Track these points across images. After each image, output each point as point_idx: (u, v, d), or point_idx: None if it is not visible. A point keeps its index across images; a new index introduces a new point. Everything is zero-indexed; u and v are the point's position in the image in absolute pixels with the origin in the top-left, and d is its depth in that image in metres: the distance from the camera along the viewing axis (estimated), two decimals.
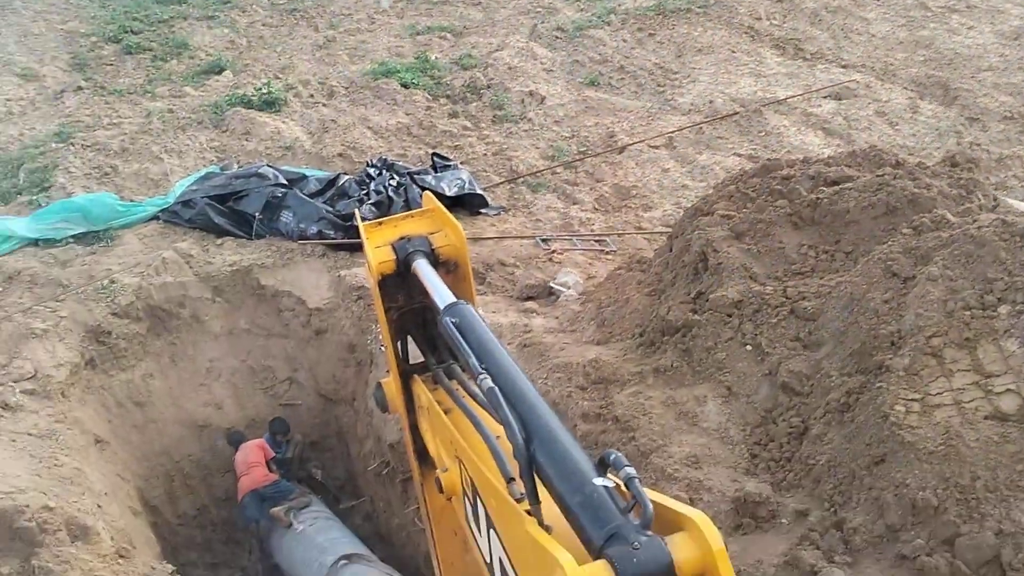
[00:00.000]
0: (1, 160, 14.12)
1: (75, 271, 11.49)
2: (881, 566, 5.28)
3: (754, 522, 6.04)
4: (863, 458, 5.80)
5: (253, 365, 12.35)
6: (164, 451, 11.62)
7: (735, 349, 7.38)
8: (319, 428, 12.77)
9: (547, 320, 9.86)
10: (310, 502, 11.40)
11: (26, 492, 7.58)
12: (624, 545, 1.77)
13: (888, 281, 6.72)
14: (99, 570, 7.02)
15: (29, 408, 9.37)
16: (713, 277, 7.98)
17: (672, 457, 6.66)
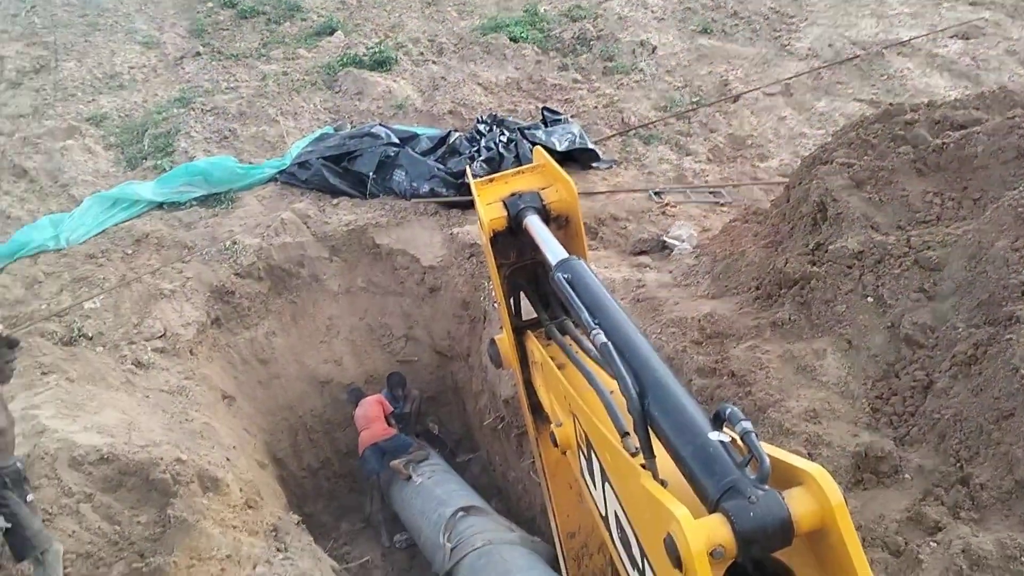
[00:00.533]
0: (127, 127, 14.74)
1: (199, 233, 11.95)
2: (1009, 522, 5.10)
3: (875, 477, 5.91)
4: (991, 412, 5.58)
5: (370, 323, 12.66)
6: (288, 406, 12.07)
7: (855, 301, 7.17)
8: (435, 384, 13.03)
9: (660, 274, 9.77)
10: (428, 455, 11.70)
11: (160, 445, 7.98)
12: (740, 499, 1.76)
13: (1018, 228, 6.39)
14: (230, 520, 7.36)
15: (160, 366, 9.85)
16: (832, 228, 7.75)
17: (790, 412, 6.55)
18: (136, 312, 10.40)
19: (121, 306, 10.41)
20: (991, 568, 4.82)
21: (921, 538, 5.30)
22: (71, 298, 10.46)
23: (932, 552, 5.12)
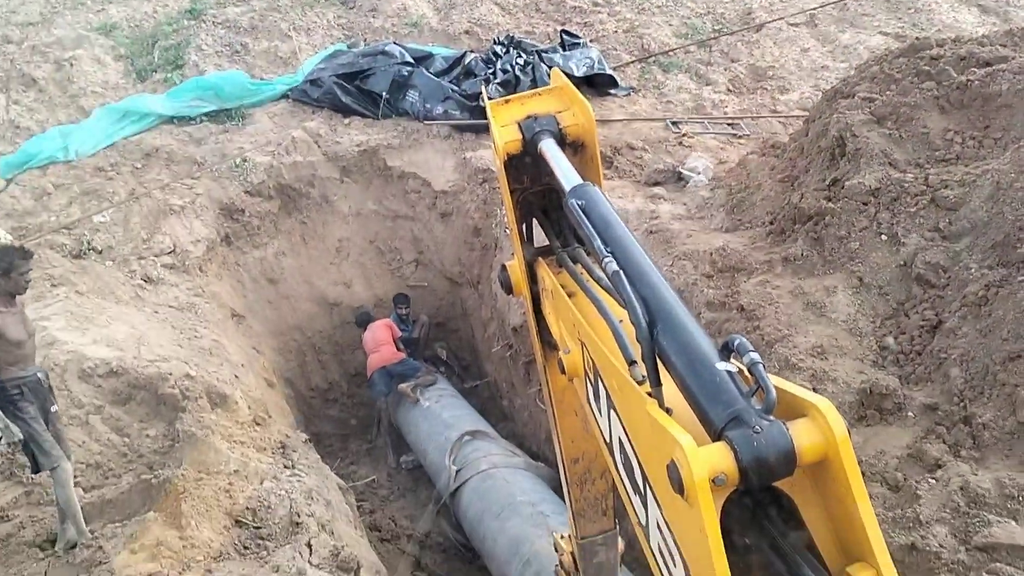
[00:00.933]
0: (137, 38, 14.52)
1: (209, 149, 11.88)
2: (1009, 463, 5.14)
3: (879, 414, 5.94)
4: (998, 353, 5.58)
5: (380, 246, 12.66)
6: (296, 327, 12.15)
7: (869, 239, 7.12)
8: (445, 310, 13.08)
9: (675, 206, 9.71)
10: (436, 380, 11.80)
11: (169, 361, 8.06)
12: (745, 428, 1.76)
13: None
14: (237, 436, 7.45)
15: (170, 282, 9.90)
16: (850, 163, 7.67)
17: (797, 347, 6.57)
18: (145, 227, 10.40)
19: (130, 220, 10.41)
20: (988, 506, 4.88)
21: (920, 475, 5.35)
22: (80, 211, 10.46)
23: (931, 488, 5.17)
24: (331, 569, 5.80)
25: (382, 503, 10.64)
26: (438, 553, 9.58)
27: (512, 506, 8.28)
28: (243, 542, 5.95)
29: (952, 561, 4.69)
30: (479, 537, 8.59)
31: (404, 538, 9.56)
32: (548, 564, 6.66)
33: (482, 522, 8.52)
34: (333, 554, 5.99)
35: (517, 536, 7.80)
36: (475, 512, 8.76)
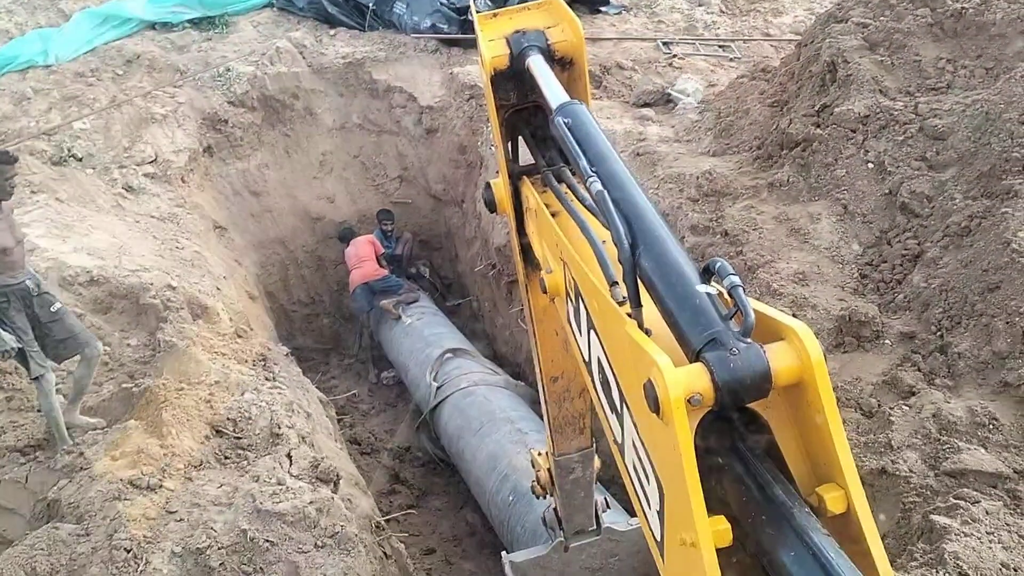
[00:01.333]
0: None
1: (192, 57, 11.65)
2: (982, 392, 5.22)
3: (856, 341, 6.00)
4: (977, 284, 5.62)
5: (365, 161, 12.54)
6: (279, 240, 12.09)
7: (856, 166, 7.10)
8: (428, 227, 13.04)
9: (663, 128, 9.63)
10: (418, 298, 11.83)
11: (151, 271, 8.03)
12: (722, 350, 1.77)
13: None
14: (219, 347, 7.46)
15: (151, 191, 9.79)
16: (841, 90, 7.60)
17: (779, 273, 6.59)
18: (127, 135, 10.25)
19: (111, 128, 10.25)
20: (959, 433, 4.97)
21: (894, 401, 5.44)
22: (60, 117, 10.28)
23: (904, 415, 5.26)
24: (310, 480, 5.88)
25: (362, 417, 10.76)
26: (417, 467, 9.73)
27: (491, 423, 8.38)
28: (223, 451, 6.02)
29: (921, 486, 4.80)
30: (457, 452, 8.72)
31: (384, 452, 9.69)
32: (525, 479, 6.78)
33: (461, 438, 8.64)
34: (313, 465, 6.06)
35: (495, 452, 7.92)
36: (454, 428, 8.87)
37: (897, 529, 4.75)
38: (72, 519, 5.26)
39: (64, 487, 5.59)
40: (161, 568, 4.86)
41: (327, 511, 5.48)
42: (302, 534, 5.28)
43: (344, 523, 5.46)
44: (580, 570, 6.42)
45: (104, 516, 5.16)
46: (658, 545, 2.05)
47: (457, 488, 9.19)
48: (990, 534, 4.30)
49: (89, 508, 5.26)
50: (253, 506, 5.31)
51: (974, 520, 4.37)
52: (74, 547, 4.98)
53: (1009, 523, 4.39)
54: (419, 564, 7.53)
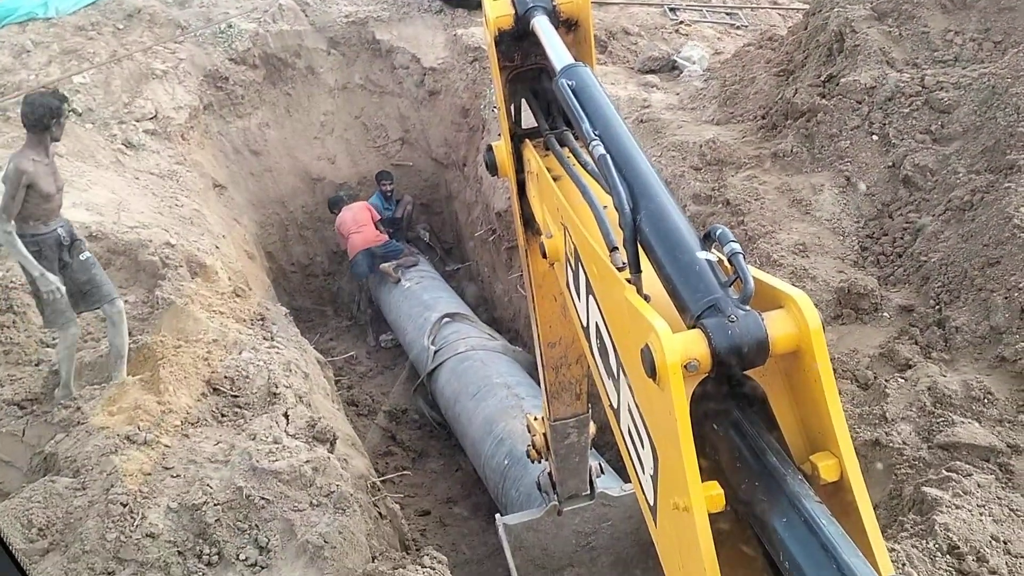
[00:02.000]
0: None
1: (193, 12, 11.53)
2: (978, 366, 5.23)
3: (855, 313, 6.01)
4: (978, 258, 5.62)
5: (366, 122, 12.46)
6: (279, 200, 12.04)
7: (860, 138, 7.07)
8: (429, 191, 12.98)
9: (667, 96, 9.56)
10: (418, 262, 11.82)
11: (149, 228, 7.98)
12: (720, 317, 1.77)
13: None
14: (217, 305, 7.45)
15: (151, 148, 9.73)
16: (847, 60, 7.54)
17: (780, 244, 6.58)
18: (127, 91, 10.17)
19: (112, 83, 10.16)
20: (954, 407, 4.99)
21: (890, 374, 5.45)
22: (60, 71, 10.19)
23: (899, 387, 5.28)
24: (307, 439, 5.90)
25: (360, 379, 10.78)
26: (413, 430, 9.77)
27: (488, 387, 8.41)
28: (220, 409, 6.03)
29: (914, 458, 4.82)
30: (454, 416, 8.76)
31: (381, 414, 9.73)
32: (520, 444, 6.82)
33: (458, 401, 8.67)
34: (310, 425, 6.08)
35: (491, 416, 7.95)
36: (451, 392, 8.90)
37: (889, 500, 4.78)
38: (69, 473, 5.29)
39: (61, 441, 5.62)
40: (157, 523, 4.89)
41: (323, 470, 5.50)
42: (298, 492, 5.31)
43: (340, 483, 5.49)
44: (573, 533, 6.47)
45: (101, 470, 5.19)
46: (651, 509, 2.06)
47: (453, 451, 9.24)
48: (981, 507, 4.33)
49: (86, 462, 5.28)
50: (249, 464, 5.33)
51: (966, 493, 4.40)
52: (70, 500, 5.01)
53: (1000, 496, 4.42)
54: (414, 525, 7.59)
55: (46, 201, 5.68)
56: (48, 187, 5.65)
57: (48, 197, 5.68)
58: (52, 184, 5.70)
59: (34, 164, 5.55)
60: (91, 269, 6.07)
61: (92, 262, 6.11)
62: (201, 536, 4.93)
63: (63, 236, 5.88)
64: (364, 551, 5.25)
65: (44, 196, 5.64)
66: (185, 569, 4.76)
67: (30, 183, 5.52)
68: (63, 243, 5.88)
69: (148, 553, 4.76)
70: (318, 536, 5.03)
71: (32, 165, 5.54)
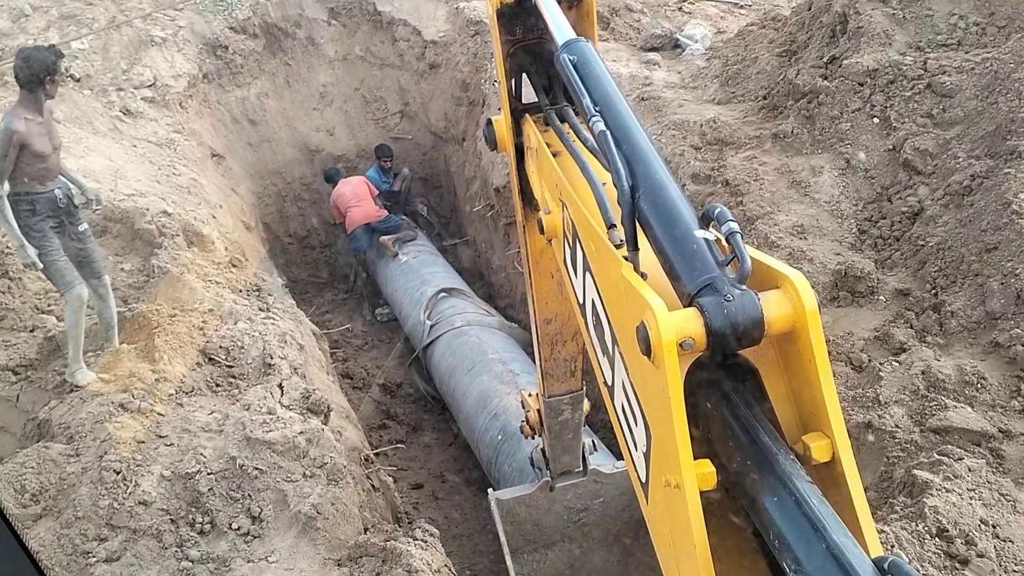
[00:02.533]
0: None
1: None
2: (972, 351, 5.25)
3: (851, 296, 6.01)
4: (975, 244, 5.62)
5: (366, 94, 12.39)
6: (277, 171, 11.99)
7: (861, 121, 7.05)
8: (427, 165, 12.93)
9: (669, 74, 9.52)
10: (416, 236, 11.79)
11: (146, 196, 7.95)
12: (716, 296, 1.77)
13: None
14: (213, 275, 7.43)
15: (149, 116, 9.67)
16: (851, 42, 7.50)
17: (778, 225, 6.58)
18: (126, 57, 10.09)
19: (110, 49, 10.08)
20: (947, 391, 5.00)
21: (885, 357, 5.46)
22: (58, 35, 10.09)
23: (893, 371, 5.29)
24: (301, 411, 5.90)
25: (355, 352, 10.79)
26: (408, 403, 9.79)
27: (483, 363, 8.42)
28: (215, 379, 6.04)
29: (906, 441, 4.85)
30: (448, 390, 8.77)
31: (375, 387, 9.74)
32: (514, 419, 6.84)
33: (453, 376, 8.68)
34: (304, 396, 6.09)
35: (486, 391, 7.97)
36: (446, 366, 8.91)
37: (880, 482, 4.81)
38: (63, 439, 5.30)
39: (55, 407, 5.62)
40: (150, 491, 4.91)
41: (316, 442, 5.52)
42: (291, 463, 5.33)
43: (333, 454, 5.51)
44: (564, 509, 6.51)
45: (94, 437, 5.20)
46: (643, 486, 2.06)
47: (447, 425, 9.27)
48: (971, 491, 4.35)
49: (79, 429, 5.29)
50: (243, 434, 5.34)
51: (956, 476, 4.42)
52: (64, 467, 5.02)
53: (991, 481, 4.44)
54: (406, 498, 7.62)
55: (41, 161, 5.50)
56: (42, 147, 5.47)
57: (43, 157, 5.50)
58: (47, 143, 5.53)
59: (26, 123, 5.38)
60: (86, 241, 5.96)
61: (88, 235, 6.00)
62: (194, 505, 4.95)
63: (60, 198, 5.70)
64: (356, 523, 5.27)
65: (38, 156, 5.46)
66: (177, 537, 4.78)
67: (22, 143, 5.34)
68: (60, 205, 5.70)
69: (141, 520, 4.78)
70: (311, 507, 5.05)
71: (24, 124, 5.36)
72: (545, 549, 6.66)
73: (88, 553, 4.62)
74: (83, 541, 4.66)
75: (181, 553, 4.72)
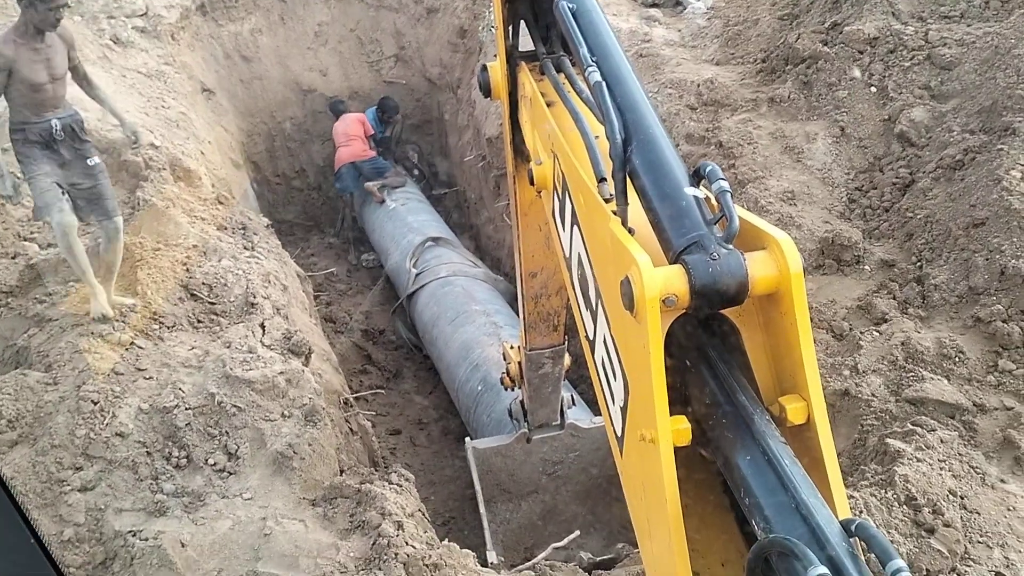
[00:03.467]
0: None
1: None
2: (953, 325, 5.28)
3: (836, 264, 6.03)
4: (963, 218, 5.63)
5: (361, 36, 12.22)
6: (267, 109, 11.85)
7: (859, 89, 7.01)
8: (420, 112, 12.81)
9: (669, 32, 9.42)
10: (404, 183, 11.71)
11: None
12: (703, 254, 1.76)
13: None
14: (199, 211, 7.35)
15: (139, 46, 9.50)
16: (853, 8, 7.44)
17: (769, 190, 6.56)
18: None
19: None
20: (925, 363, 5.04)
21: (866, 326, 5.49)
22: None
23: (873, 340, 5.32)
24: (282, 351, 5.90)
25: (339, 296, 10.78)
26: (390, 350, 9.81)
27: (467, 314, 8.43)
28: (196, 315, 6.01)
29: (881, 410, 4.89)
30: (431, 339, 8.79)
31: (357, 332, 9.74)
32: (495, 371, 6.87)
33: (436, 325, 8.70)
34: (285, 337, 6.08)
35: (468, 342, 7.99)
36: (430, 315, 8.92)
37: (853, 449, 4.86)
38: (41, 367, 5.29)
39: (34, 335, 5.60)
40: (127, 423, 4.91)
41: (296, 383, 5.52)
42: (270, 403, 5.34)
43: (312, 396, 5.52)
44: (540, 461, 6.57)
45: (73, 367, 5.19)
46: (618, 440, 2.07)
47: (427, 374, 9.30)
48: (942, 462, 4.41)
49: (58, 358, 5.27)
50: (223, 371, 5.34)
51: (928, 447, 4.47)
52: (41, 395, 5.01)
53: (962, 453, 4.49)
54: (384, 443, 7.66)
55: (34, 91, 5.18)
56: (34, 75, 5.13)
57: (37, 86, 5.17)
58: (42, 72, 5.17)
59: (15, 47, 5.07)
60: (97, 176, 5.58)
61: (99, 169, 5.61)
62: (171, 439, 4.95)
63: (56, 129, 5.34)
64: (333, 464, 5.30)
65: (31, 85, 5.15)
66: (153, 470, 4.80)
67: (10, 68, 5.05)
68: (56, 136, 5.35)
69: (117, 452, 4.79)
70: (287, 446, 5.07)
71: (12, 49, 5.06)
72: (519, 499, 6.74)
73: (63, 481, 4.64)
74: (58, 469, 4.67)
75: (156, 486, 4.74)
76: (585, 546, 6.17)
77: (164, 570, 4.32)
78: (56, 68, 5.29)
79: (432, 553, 4.51)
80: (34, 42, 5.15)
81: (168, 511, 4.64)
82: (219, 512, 4.70)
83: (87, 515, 4.55)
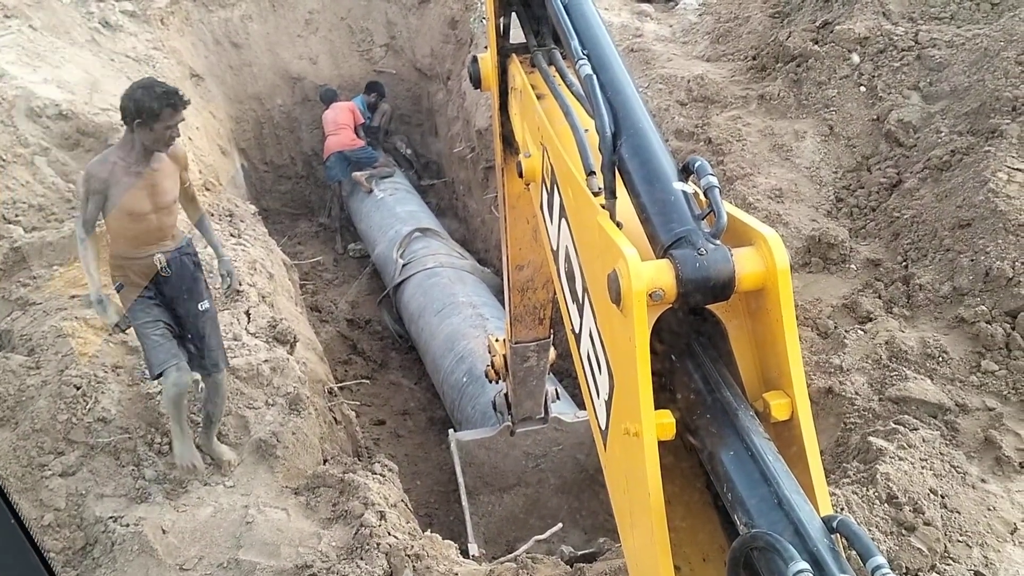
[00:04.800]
0: None
1: None
2: (937, 325, 5.31)
3: (823, 263, 6.05)
4: (949, 219, 5.65)
5: (352, 25, 12.17)
6: (256, 97, 11.79)
7: (848, 88, 7.03)
8: (410, 102, 12.78)
9: (660, 27, 9.42)
10: (393, 173, 11.68)
11: None
12: (690, 249, 1.77)
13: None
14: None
15: (128, 30, 9.43)
16: (844, 8, 7.46)
17: (757, 188, 6.58)
18: None
19: None
20: (908, 362, 5.07)
21: (850, 325, 5.52)
22: None
23: (858, 339, 5.35)
24: (267, 339, 5.89)
25: (325, 286, 10.75)
26: (375, 340, 9.79)
27: (453, 305, 8.42)
28: None
29: (864, 408, 4.91)
30: (417, 330, 8.77)
31: (343, 322, 9.72)
32: (480, 363, 6.86)
33: (422, 316, 8.68)
34: (271, 325, 6.06)
35: (453, 334, 7.98)
36: (416, 306, 8.90)
37: (835, 447, 4.88)
38: (23, 351, 5.25)
39: (18, 319, 5.56)
40: (110, 408, 4.89)
41: (281, 371, 5.51)
42: (254, 390, 5.32)
43: (297, 385, 5.50)
44: (523, 455, 6.58)
45: (56, 351, 5.16)
46: (602, 433, 2.08)
47: (412, 365, 9.28)
48: (924, 460, 4.43)
49: (41, 342, 5.24)
50: None
51: (910, 446, 4.50)
52: (23, 378, 4.98)
53: (944, 452, 4.52)
54: (368, 433, 7.65)
55: (134, 221, 4.32)
56: (135, 204, 4.28)
57: (137, 216, 4.32)
58: (145, 201, 4.32)
59: (111, 170, 4.21)
60: (205, 324, 4.72)
61: (210, 315, 4.77)
62: (153, 425, 4.94)
63: (162, 265, 4.47)
64: (316, 453, 5.29)
65: (130, 214, 4.29)
66: (135, 456, 4.78)
67: (104, 194, 4.23)
68: (162, 275, 4.50)
69: (99, 437, 4.77)
70: (271, 434, 5.06)
71: (108, 171, 4.21)
72: (501, 492, 6.75)
73: (44, 466, 4.62)
74: (39, 454, 4.65)
75: (138, 472, 4.73)
76: (567, 539, 6.18)
77: (144, 556, 4.31)
78: (162, 195, 4.40)
79: (414, 544, 4.51)
80: (139, 165, 4.28)
81: (149, 497, 4.63)
82: (201, 499, 4.69)
83: (68, 500, 4.53)
